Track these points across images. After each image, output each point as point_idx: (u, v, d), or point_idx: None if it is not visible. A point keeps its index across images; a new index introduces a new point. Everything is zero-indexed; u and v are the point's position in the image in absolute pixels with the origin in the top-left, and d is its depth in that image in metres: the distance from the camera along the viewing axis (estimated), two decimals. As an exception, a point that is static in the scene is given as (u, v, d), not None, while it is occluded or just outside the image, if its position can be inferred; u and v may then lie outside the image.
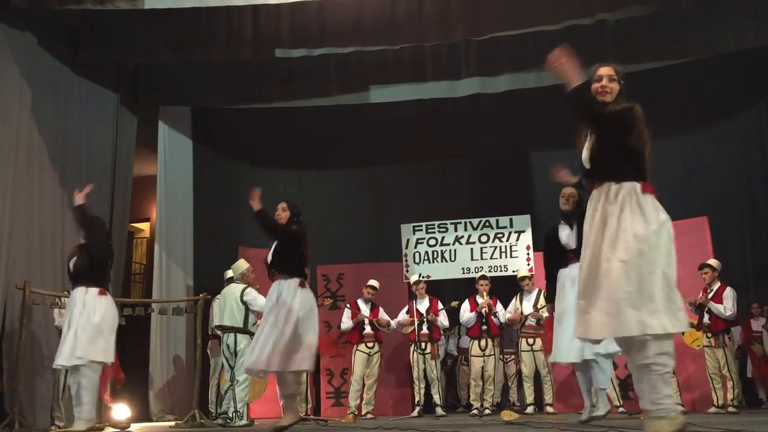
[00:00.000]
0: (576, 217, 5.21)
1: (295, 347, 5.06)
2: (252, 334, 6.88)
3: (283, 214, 5.40)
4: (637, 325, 2.98)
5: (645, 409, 3.15)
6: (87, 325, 5.27)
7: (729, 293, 7.36)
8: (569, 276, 5.22)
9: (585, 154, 3.42)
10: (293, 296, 5.15)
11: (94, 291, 5.37)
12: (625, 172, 3.24)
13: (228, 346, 6.90)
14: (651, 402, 3.06)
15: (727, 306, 7.27)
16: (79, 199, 5.55)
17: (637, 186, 3.21)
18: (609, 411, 5.33)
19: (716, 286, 7.41)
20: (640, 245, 3.07)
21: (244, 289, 6.96)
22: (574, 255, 5.21)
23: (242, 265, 7.25)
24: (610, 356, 5.21)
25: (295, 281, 5.22)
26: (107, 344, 5.34)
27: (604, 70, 3.46)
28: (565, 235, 5.40)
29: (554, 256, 5.53)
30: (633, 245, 3.07)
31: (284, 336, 5.05)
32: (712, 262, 7.52)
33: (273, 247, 5.41)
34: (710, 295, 7.34)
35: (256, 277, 7.28)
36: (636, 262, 3.05)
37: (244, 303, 6.89)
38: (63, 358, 5.29)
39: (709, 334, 7.39)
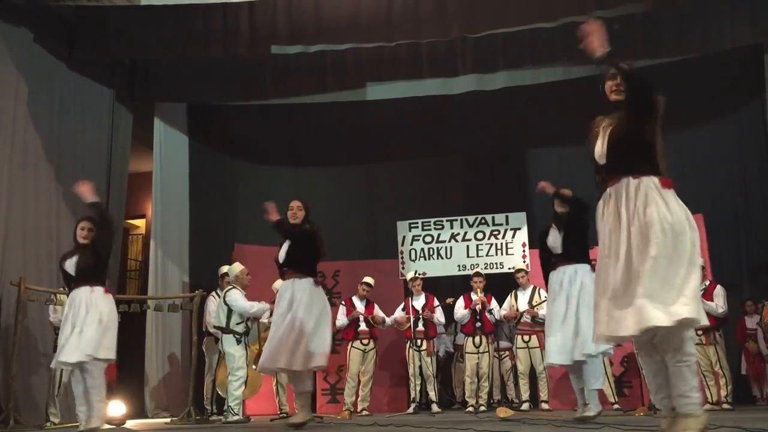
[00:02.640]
0: (567, 220, 5.29)
1: (309, 345, 5.10)
2: (236, 334, 6.97)
3: (299, 213, 5.44)
4: (666, 316, 2.92)
5: (666, 406, 3.16)
6: (93, 323, 5.18)
7: (719, 291, 7.40)
8: (557, 280, 5.27)
9: (600, 148, 3.33)
10: (307, 295, 5.21)
11: (99, 290, 5.28)
12: (643, 167, 3.21)
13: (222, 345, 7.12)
14: (681, 395, 3.03)
15: (718, 303, 7.31)
16: (90, 195, 5.36)
17: (656, 180, 3.17)
18: (600, 412, 5.26)
19: (706, 283, 7.45)
20: (669, 238, 3.04)
21: (227, 290, 7.14)
22: (561, 259, 5.32)
23: (236, 267, 7.33)
24: (600, 355, 5.22)
25: (309, 280, 5.29)
26: (112, 342, 5.29)
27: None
28: (552, 238, 5.42)
29: (544, 257, 5.56)
30: (662, 238, 3.03)
31: (299, 334, 5.09)
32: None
33: (286, 246, 5.42)
34: (701, 293, 7.35)
35: (251, 279, 7.33)
36: (667, 255, 3.02)
37: (227, 304, 7.03)
38: (68, 356, 5.16)
39: (700, 332, 7.40)
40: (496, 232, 9.04)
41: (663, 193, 3.15)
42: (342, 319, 8.20)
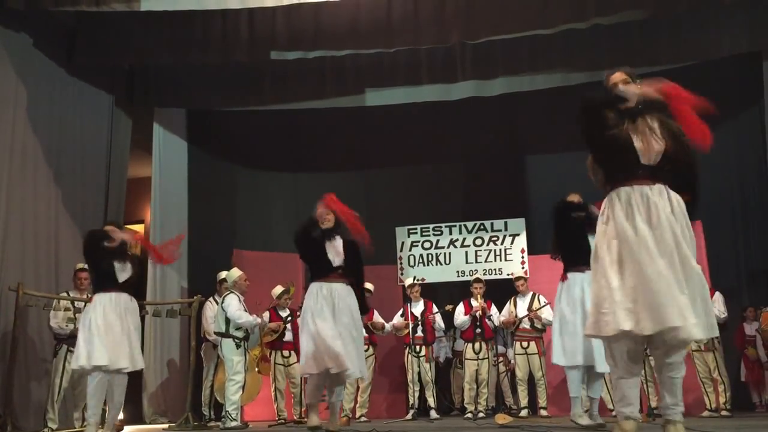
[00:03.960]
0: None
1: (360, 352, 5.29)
2: (235, 339, 6.97)
3: (330, 217, 5.49)
4: (713, 328, 3.09)
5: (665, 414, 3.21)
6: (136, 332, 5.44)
7: (718, 297, 7.41)
8: (579, 282, 5.14)
9: (645, 146, 3.29)
10: (354, 302, 5.33)
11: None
12: (676, 181, 3.36)
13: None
14: (676, 404, 3.14)
15: (719, 309, 7.31)
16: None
17: (679, 196, 3.30)
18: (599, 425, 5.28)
19: (704, 290, 7.45)
20: (690, 255, 3.14)
21: (225, 295, 7.18)
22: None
23: (234, 273, 7.37)
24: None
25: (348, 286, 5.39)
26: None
27: (616, 78, 3.41)
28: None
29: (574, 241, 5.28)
30: (687, 254, 3.12)
31: (358, 340, 5.25)
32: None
33: (340, 247, 5.45)
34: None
35: (249, 284, 7.35)
36: (696, 270, 3.14)
37: (224, 309, 7.07)
38: (126, 362, 5.31)
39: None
40: (494, 238, 9.05)
41: (684, 209, 3.27)
42: None
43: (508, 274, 8.66)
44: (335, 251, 5.41)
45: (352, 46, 8.11)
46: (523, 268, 8.74)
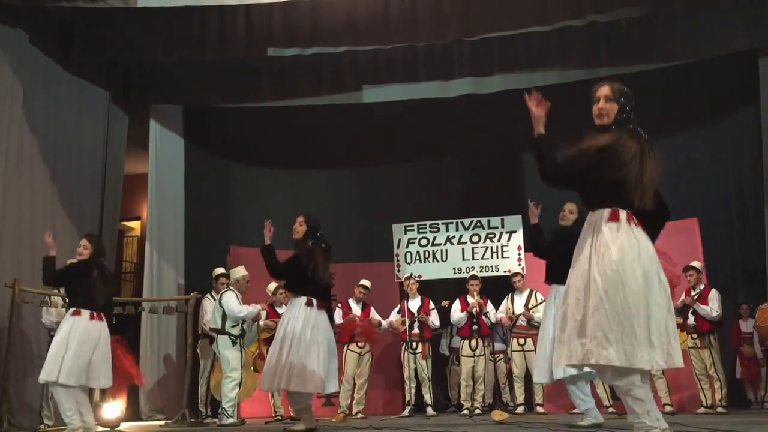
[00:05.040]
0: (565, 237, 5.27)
1: (290, 367, 5.06)
2: (231, 336, 7.02)
3: (300, 228, 5.43)
4: (582, 354, 2.93)
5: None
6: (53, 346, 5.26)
7: (714, 295, 7.43)
8: (554, 293, 5.31)
9: None
10: (297, 315, 5.20)
11: (68, 312, 5.38)
12: (597, 201, 3.18)
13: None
14: (632, 422, 3.02)
15: (713, 307, 7.34)
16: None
17: (605, 214, 3.11)
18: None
19: (701, 287, 7.49)
20: (595, 276, 2.99)
21: (223, 292, 7.19)
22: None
23: (239, 271, 7.37)
24: (574, 378, 5.22)
25: (302, 300, 5.26)
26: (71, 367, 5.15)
27: (601, 91, 3.32)
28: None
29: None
30: (586, 275, 3.02)
31: (280, 356, 5.12)
32: (696, 264, 7.59)
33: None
34: (696, 297, 7.41)
35: (250, 286, 7.36)
36: (591, 291, 2.98)
37: (221, 306, 7.07)
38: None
39: (695, 335, 7.46)
40: (491, 235, 9.05)
41: (605, 228, 3.07)
42: (337, 322, 8.21)
43: (504, 271, 8.67)
44: None
45: (349, 42, 8.10)
46: (519, 265, 8.74)
